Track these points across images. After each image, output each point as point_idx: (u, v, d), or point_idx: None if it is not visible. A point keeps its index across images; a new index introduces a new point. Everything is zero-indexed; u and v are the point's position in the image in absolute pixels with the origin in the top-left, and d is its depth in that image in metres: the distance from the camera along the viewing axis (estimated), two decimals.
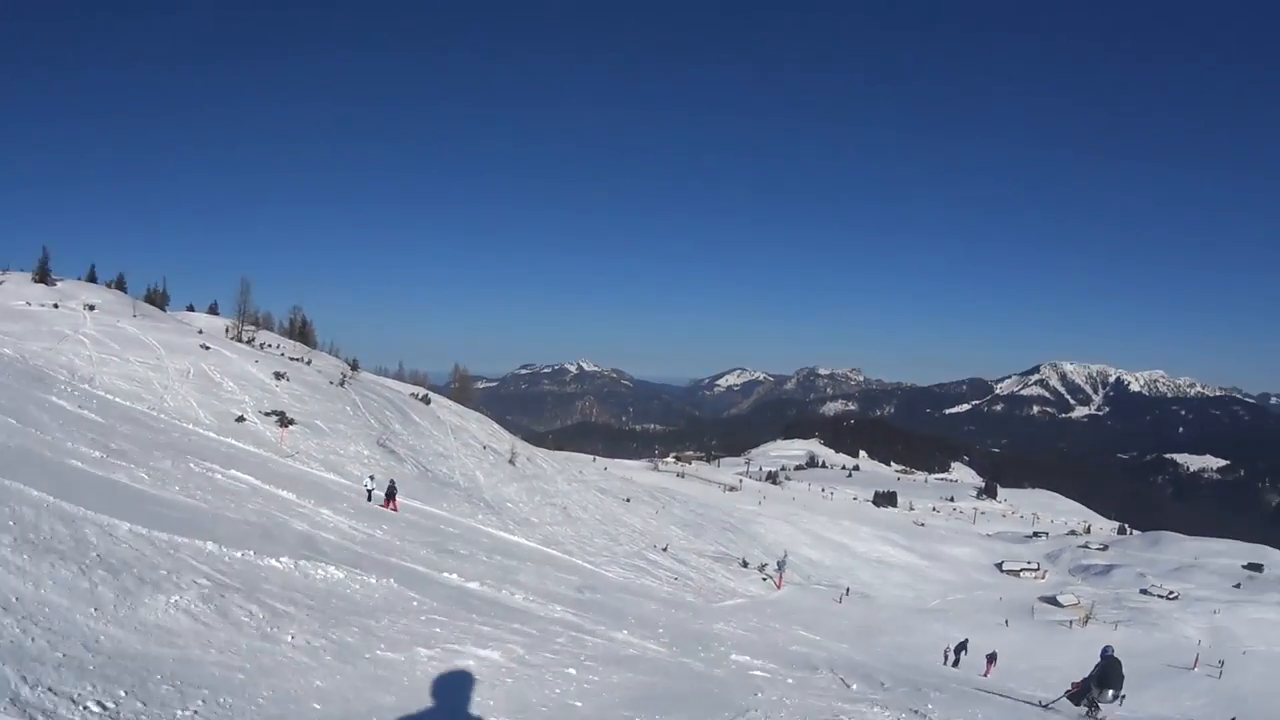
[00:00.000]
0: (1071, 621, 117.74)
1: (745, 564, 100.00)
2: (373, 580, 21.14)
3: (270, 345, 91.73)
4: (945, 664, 58.51)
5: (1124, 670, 23.73)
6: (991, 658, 60.01)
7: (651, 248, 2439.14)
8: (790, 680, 23.18)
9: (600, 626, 24.75)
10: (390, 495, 49.81)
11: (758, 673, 23.47)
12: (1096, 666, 24.29)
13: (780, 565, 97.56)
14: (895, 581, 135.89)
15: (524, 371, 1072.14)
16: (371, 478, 52.28)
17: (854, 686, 24.38)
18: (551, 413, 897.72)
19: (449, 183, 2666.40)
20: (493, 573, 24.78)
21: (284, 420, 63.47)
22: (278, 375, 73.92)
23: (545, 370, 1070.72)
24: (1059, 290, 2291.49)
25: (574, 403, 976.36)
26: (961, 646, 61.68)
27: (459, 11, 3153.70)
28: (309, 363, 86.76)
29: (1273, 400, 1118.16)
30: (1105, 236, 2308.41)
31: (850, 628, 74.14)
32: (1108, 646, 25.02)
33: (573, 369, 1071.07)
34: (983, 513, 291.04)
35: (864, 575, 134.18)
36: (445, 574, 26.76)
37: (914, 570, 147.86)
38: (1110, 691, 23.32)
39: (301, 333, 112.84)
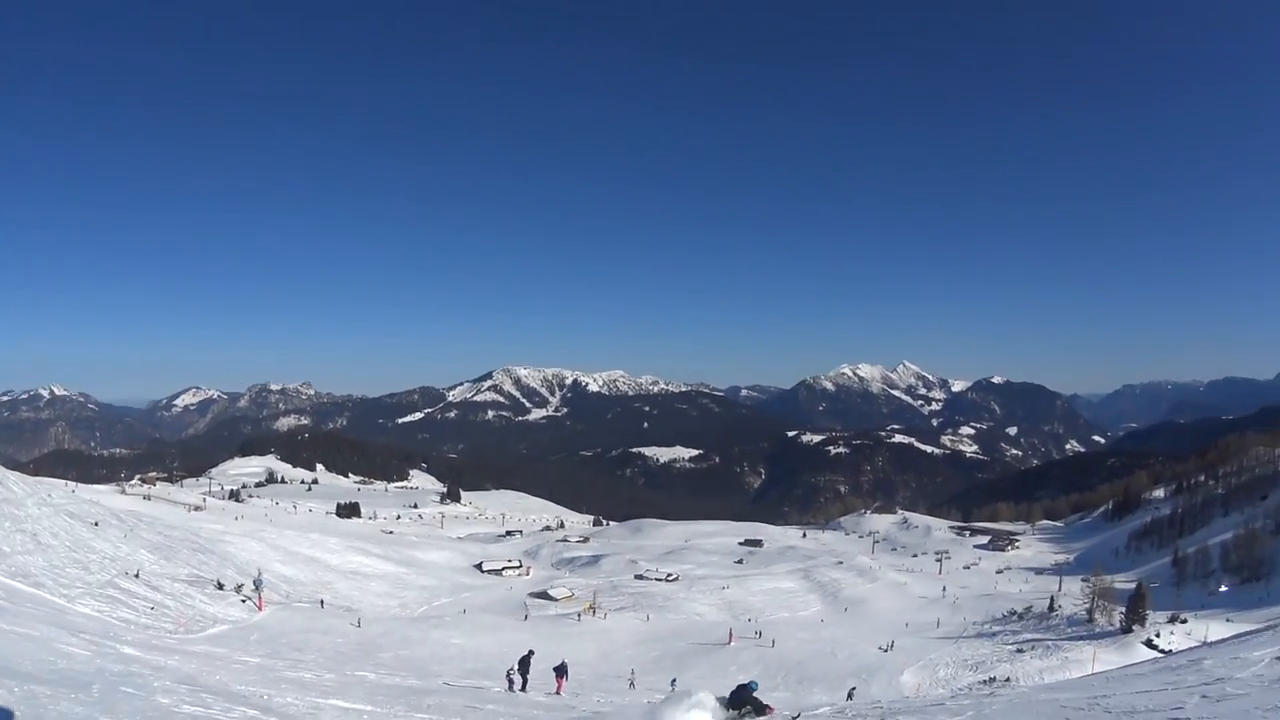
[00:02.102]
0: (579, 614, 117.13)
1: (221, 585, 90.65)
2: None
3: None
4: (512, 689, 49.83)
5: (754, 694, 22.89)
6: (560, 670, 53.91)
7: (92, 263, 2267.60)
8: None
9: None
10: None
11: None
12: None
13: (258, 585, 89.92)
14: (376, 591, 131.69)
15: (5, 398, 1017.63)
16: None
17: None
18: (31, 440, 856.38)
19: None
20: None
21: None
22: None
23: (23, 396, 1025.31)
24: (510, 296, 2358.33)
25: (48, 429, 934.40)
26: (525, 664, 51.83)
27: None
28: None
29: (742, 392, 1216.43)
30: (550, 243, 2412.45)
31: (350, 647, 69.60)
32: (753, 682, 23.79)
33: (45, 394, 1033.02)
34: (451, 516, 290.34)
35: (342, 588, 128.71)
36: None
37: (393, 578, 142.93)
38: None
39: None
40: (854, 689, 72.07)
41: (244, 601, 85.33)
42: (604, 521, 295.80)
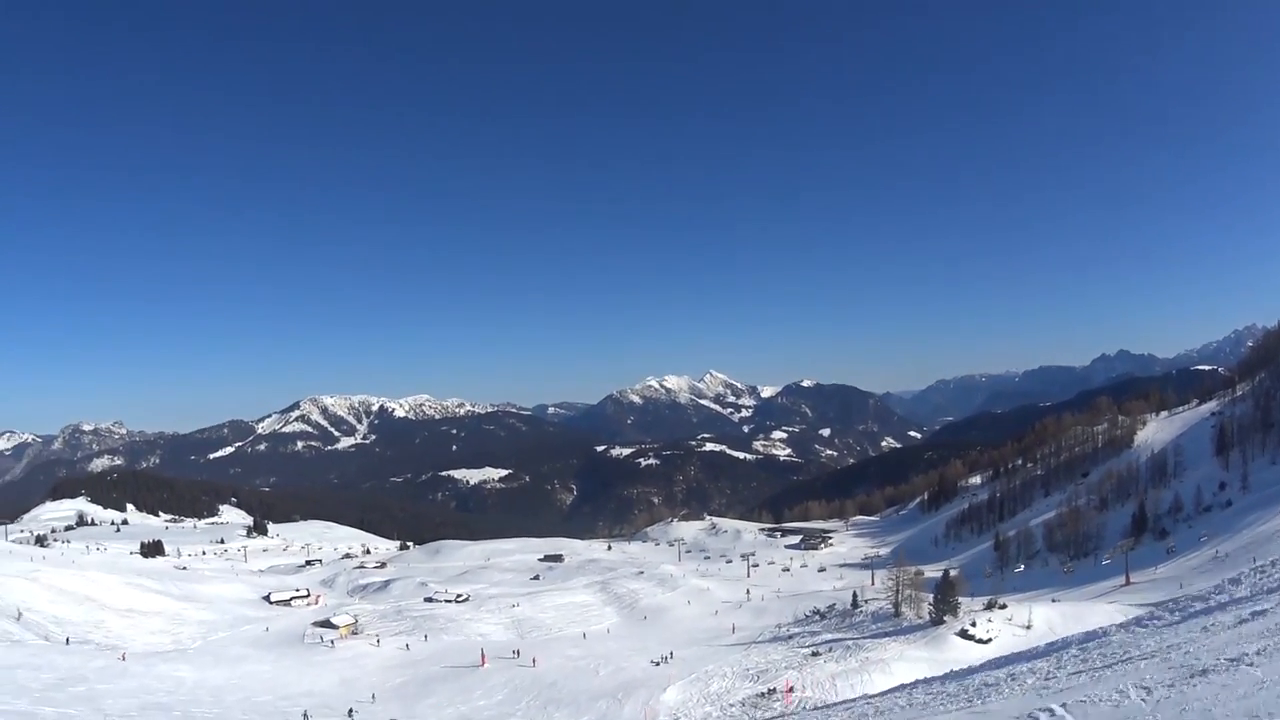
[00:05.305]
0: (333, 640, 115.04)
1: None
2: None
3: None
4: None
5: None
6: None
7: None
8: None
9: None
10: None
11: None
12: None
13: None
14: (151, 628, 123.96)
15: None
16: None
17: None
18: None
19: None
20: None
21: None
22: None
23: None
24: (314, 323, 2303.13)
25: None
26: None
27: None
28: None
29: (550, 410, 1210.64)
30: (349, 267, 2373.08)
31: (50, 682, 69.01)
32: None
33: None
34: (257, 550, 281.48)
35: (116, 625, 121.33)
36: None
37: (171, 615, 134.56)
38: None
39: None
40: None
41: None
42: (409, 545, 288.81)
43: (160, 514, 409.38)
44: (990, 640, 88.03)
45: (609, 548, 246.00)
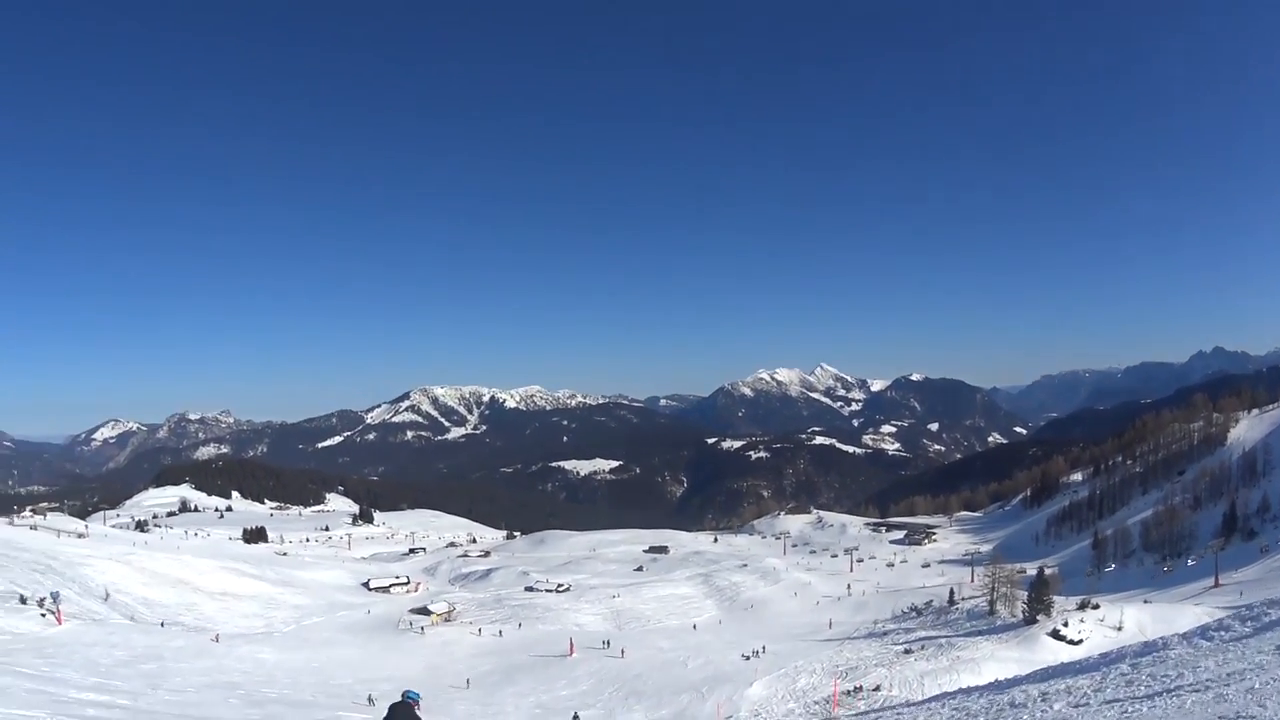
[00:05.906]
0: (423, 627, 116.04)
1: (24, 600, 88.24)
2: None
3: None
4: None
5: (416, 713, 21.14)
6: None
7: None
8: None
9: None
10: None
11: None
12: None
13: (55, 599, 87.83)
14: (243, 611, 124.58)
15: None
16: None
17: None
18: None
19: None
20: None
21: None
22: None
23: None
24: (425, 315, 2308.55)
25: None
26: None
27: None
28: None
29: (661, 402, 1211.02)
30: (461, 260, 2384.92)
31: (122, 660, 67.59)
32: (412, 692, 22.05)
33: None
34: (362, 537, 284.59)
35: (208, 608, 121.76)
36: None
37: (265, 599, 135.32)
38: None
39: None
40: None
41: (43, 616, 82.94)
42: (515, 535, 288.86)
43: (266, 501, 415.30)
44: (1081, 641, 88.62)
45: (715, 540, 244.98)
